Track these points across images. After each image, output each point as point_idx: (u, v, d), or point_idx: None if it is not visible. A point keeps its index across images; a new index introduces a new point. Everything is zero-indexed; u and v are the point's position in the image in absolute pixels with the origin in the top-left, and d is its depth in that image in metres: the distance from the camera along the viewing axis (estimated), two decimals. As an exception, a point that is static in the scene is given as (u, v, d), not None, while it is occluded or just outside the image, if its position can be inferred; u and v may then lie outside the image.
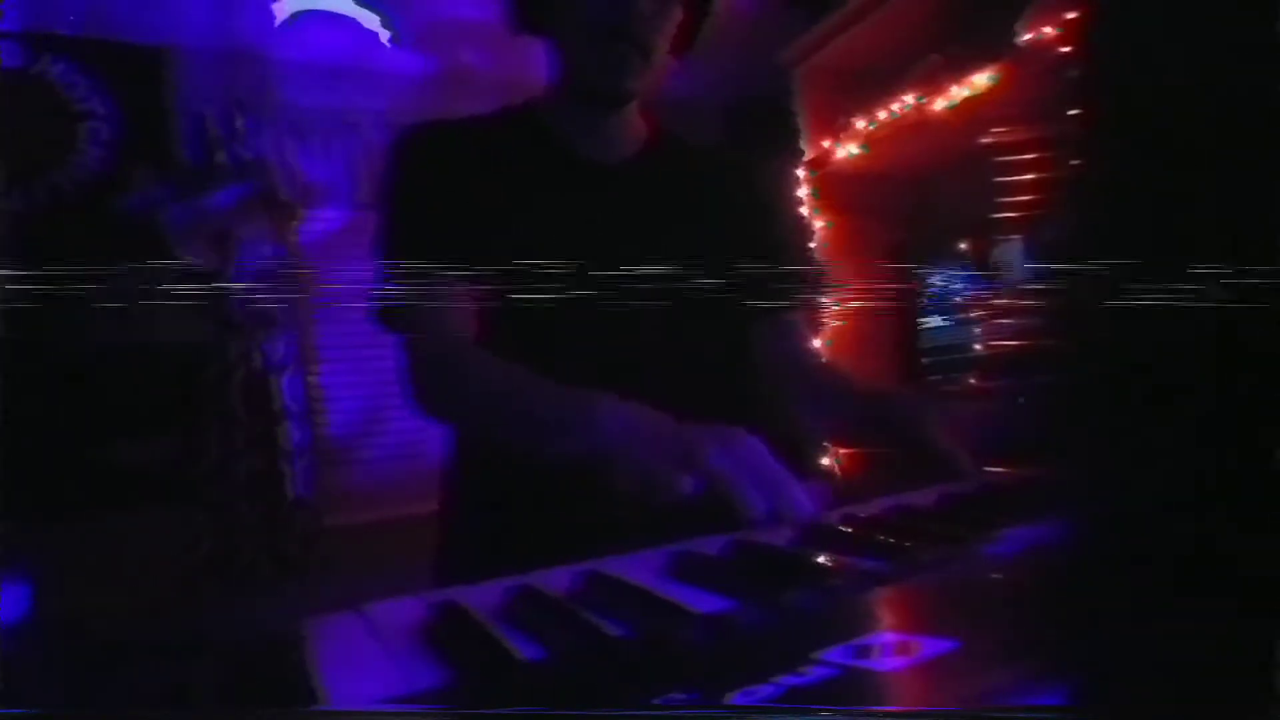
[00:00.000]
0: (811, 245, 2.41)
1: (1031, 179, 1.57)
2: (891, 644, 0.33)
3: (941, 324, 2.21)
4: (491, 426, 0.90)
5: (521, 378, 0.81)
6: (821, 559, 0.53)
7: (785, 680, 0.30)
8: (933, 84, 2.00)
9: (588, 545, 0.58)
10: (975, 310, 2.09)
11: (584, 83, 0.95)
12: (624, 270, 0.86)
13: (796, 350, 1.07)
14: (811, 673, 0.30)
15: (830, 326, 2.27)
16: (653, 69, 0.94)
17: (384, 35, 2.66)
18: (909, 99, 2.08)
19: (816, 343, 1.11)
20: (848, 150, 2.29)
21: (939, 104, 1.98)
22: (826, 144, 2.36)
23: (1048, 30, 1.69)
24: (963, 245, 2.12)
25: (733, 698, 0.29)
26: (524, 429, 0.81)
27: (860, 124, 2.24)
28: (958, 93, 1.93)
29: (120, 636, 1.96)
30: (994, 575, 0.47)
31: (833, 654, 0.32)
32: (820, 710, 0.28)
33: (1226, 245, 0.29)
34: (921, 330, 2.26)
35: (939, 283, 2.22)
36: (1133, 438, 0.32)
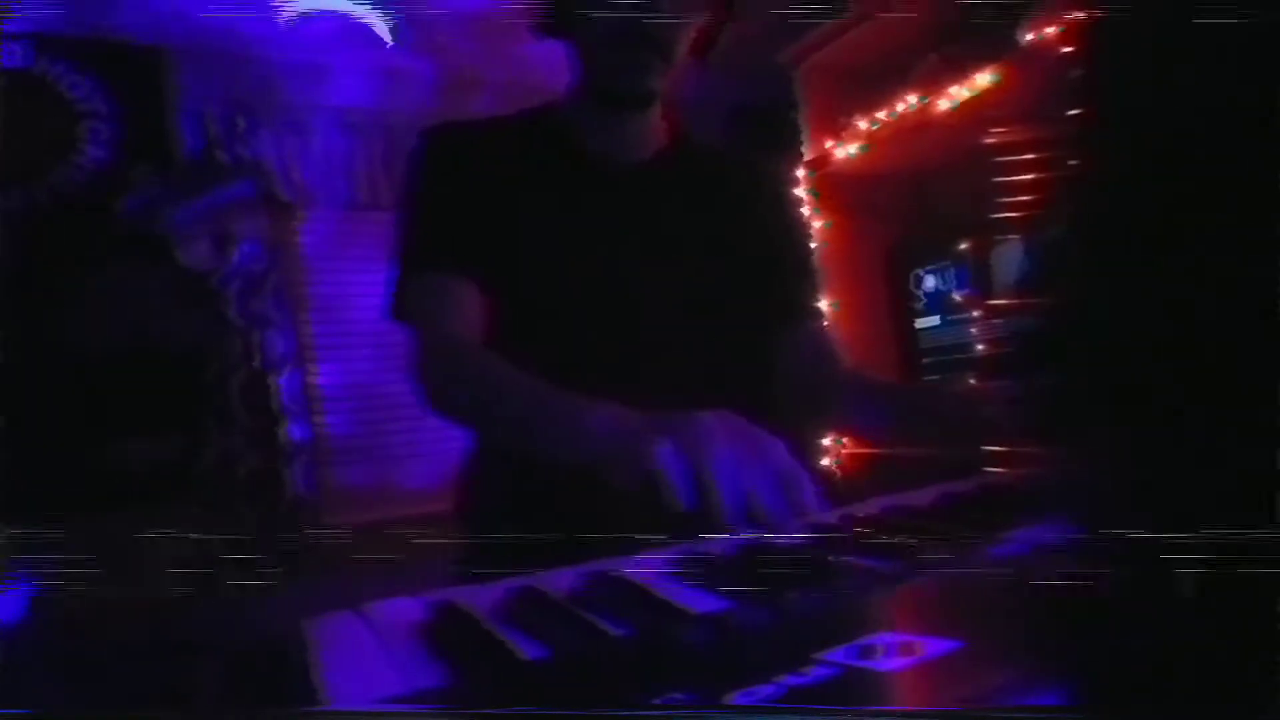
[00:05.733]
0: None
1: (1031, 179, 1.57)
2: (893, 644, 0.33)
3: (941, 324, 2.21)
4: (485, 425, 0.90)
5: (513, 376, 0.81)
6: (821, 559, 0.52)
7: (786, 680, 0.29)
8: (934, 84, 2.00)
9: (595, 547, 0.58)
10: (975, 309, 2.09)
11: (605, 84, 0.95)
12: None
13: (829, 357, 1.04)
14: (813, 673, 0.30)
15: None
16: (674, 71, 0.94)
17: (385, 35, 2.66)
18: (911, 99, 2.08)
19: (841, 347, 1.09)
20: (848, 150, 2.29)
21: (941, 104, 1.98)
22: (828, 144, 2.36)
23: (1049, 30, 1.69)
24: (963, 245, 2.12)
25: (733, 698, 0.29)
26: (510, 428, 0.81)
27: (862, 124, 2.24)
28: (958, 93, 1.93)
29: (119, 636, 1.96)
30: (995, 575, 0.47)
31: (834, 654, 0.32)
32: (820, 710, 0.28)
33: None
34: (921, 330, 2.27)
35: (938, 282, 2.22)
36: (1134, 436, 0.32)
